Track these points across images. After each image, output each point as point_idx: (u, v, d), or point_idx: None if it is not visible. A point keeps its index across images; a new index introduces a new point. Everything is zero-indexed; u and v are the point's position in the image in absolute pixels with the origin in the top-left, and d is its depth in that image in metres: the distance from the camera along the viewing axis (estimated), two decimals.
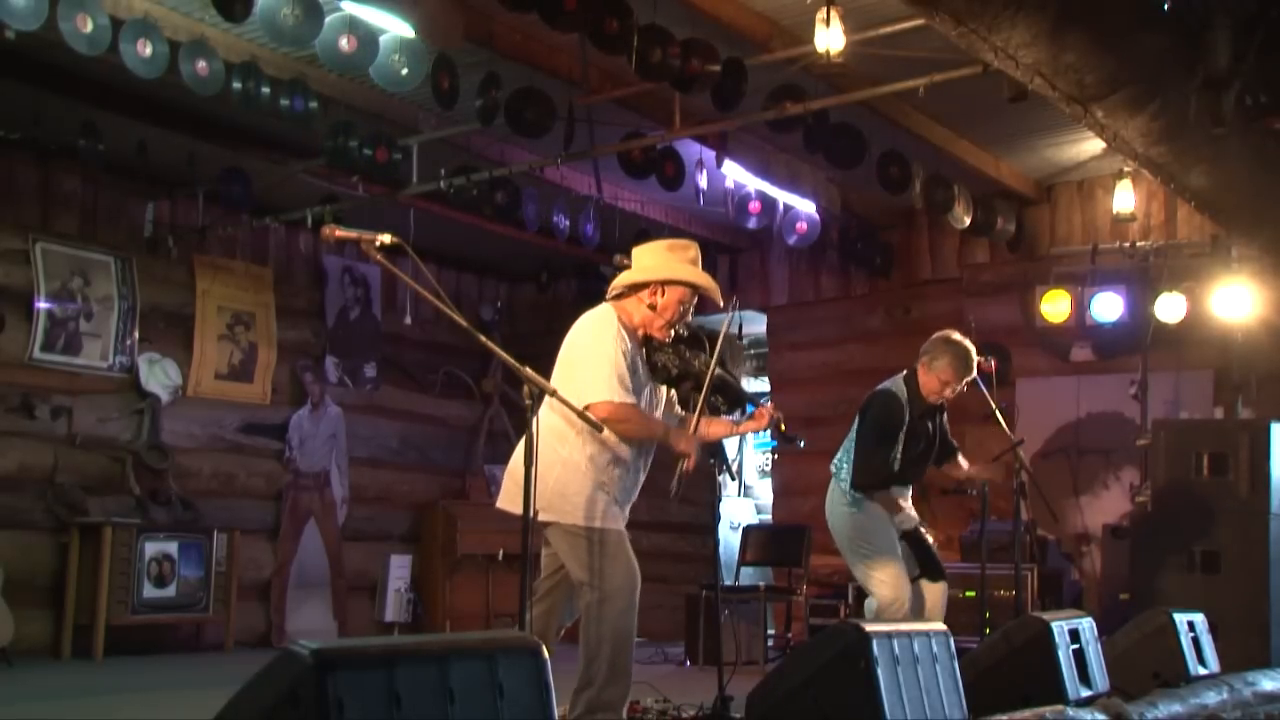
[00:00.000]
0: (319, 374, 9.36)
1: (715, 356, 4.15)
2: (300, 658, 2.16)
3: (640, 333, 4.21)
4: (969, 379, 5.46)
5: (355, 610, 9.44)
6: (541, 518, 4.00)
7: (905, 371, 5.53)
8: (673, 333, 4.23)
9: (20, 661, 7.04)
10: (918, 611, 5.36)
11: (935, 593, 5.46)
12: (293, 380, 9.23)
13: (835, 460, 5.56)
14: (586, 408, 3.80)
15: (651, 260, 4.28)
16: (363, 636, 8.80)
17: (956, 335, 5.47)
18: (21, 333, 7.68)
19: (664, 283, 4.22)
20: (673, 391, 4.28)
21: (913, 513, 5.48)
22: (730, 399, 4.28)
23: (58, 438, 7.85)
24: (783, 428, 4.27)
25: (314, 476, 9.22)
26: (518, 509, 3.88)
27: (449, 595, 9.56)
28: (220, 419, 8.74)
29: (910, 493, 5.60)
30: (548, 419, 4.04)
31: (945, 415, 5.64)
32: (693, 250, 4.41)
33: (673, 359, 4.16)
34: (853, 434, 5.50)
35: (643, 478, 4.29)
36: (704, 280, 4.25)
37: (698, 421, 4.14)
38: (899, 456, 5.38)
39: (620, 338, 4.07)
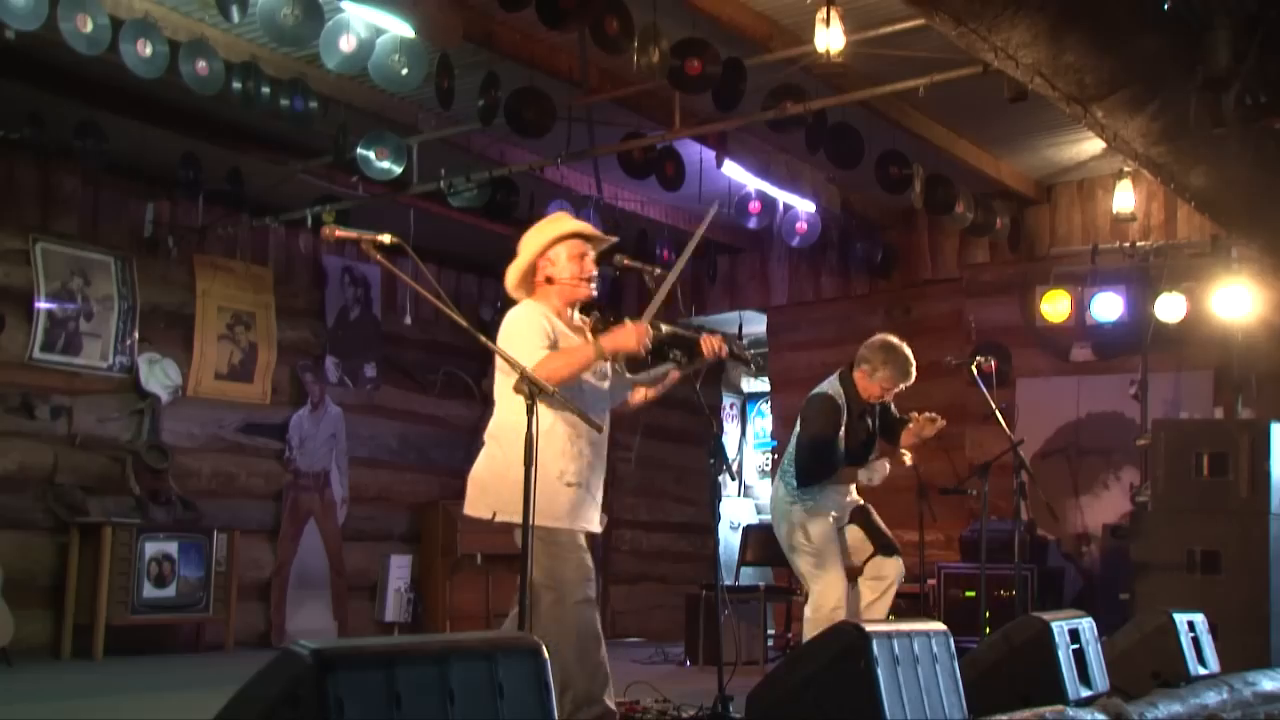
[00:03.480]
0: (319, 374, 9.35)
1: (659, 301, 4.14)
2: (300, 658, 2.16)
3: (570, 311, 4.19)
4: (909, 384, 5.54)
5: (355, 610, 9.44)
6: (502, 519, 3.92)
7: (839, 372, 5.60)
8: (593, 288, 4.21)
9: (20, 661, 7.04)
10: (855, 611, 5.43)
11: (890, 566, 5.52)
12: (293, 380, 9.23)
13: (782, 461, 5.64)
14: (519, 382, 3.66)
15: (523, 246, 4.22)
16: (363, 636, 8.80)
17: (894, 340, 5.53)
18: (21, 333, 7.67)
19: (541, 252, 4.14)
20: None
21: (880, 460, 5.53)
22: (686, 348, 4.23)
23: (58, 438, 7.85)
24: (733, 350, 4.22)
25: (314, 476, 9.21)
26: (482, 514, 3.94)
27: (449, 595, 9.56)
28: (220, 419, 8.74)
29: (850, 488, 5.66)
30: (508, 418, 3.99)
31: (886, 407, 5.69)
32: (558, 217, 4.35)
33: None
34: (794, 435, 5.58)
35: (604, 453, 4.19)
36: (572, 225, 4.21)
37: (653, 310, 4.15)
38: (842, 452, 5.46)
39: (534, 315, 4.05)
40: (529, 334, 3.98)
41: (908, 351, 5.50)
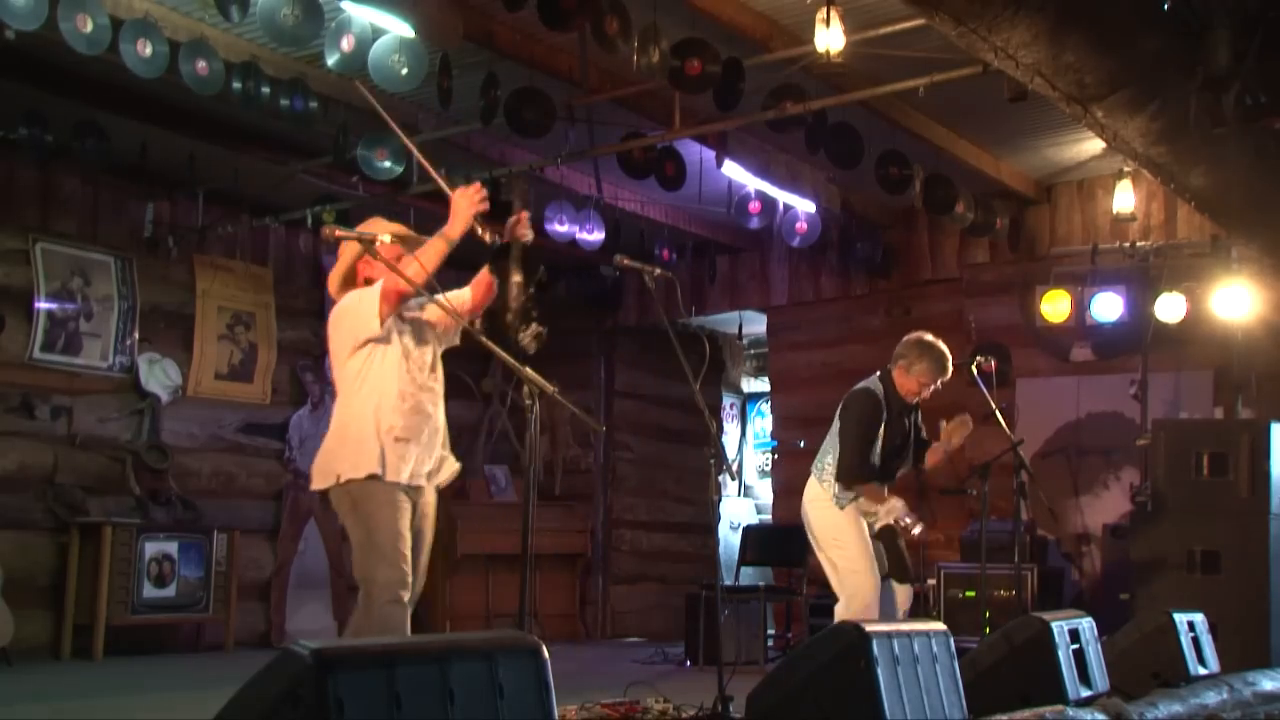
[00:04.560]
0: (319, 374, 9.34)
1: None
2: (300, 658, 2.17)
3: (405, 298, 4.29)
4: (946, 380, 5.53)
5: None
6: (346, 478, 4.10)
7: (880, 371, 5.60)
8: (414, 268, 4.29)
9: (20, 661, 7.05)
10: (886, 611, 5.42)
11: (901, 594, 5.53)
12: (293, 380, 9.22)
13: (817, 458, 5.62)
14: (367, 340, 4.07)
15: (344, 250, 4.39)
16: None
17: (930, 337, 5.53)
18: (21, 333, 7.67)
19: (360, 254, 4.29)
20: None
21: (896, 501, 5.47)
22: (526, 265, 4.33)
23: (58, 438, 7.85)
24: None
25: None
26: (329, 483, 4.13)
27: (449, 595, 9.56)
28: (220, 419, 8.74)
29: (886, 492, 5.63)
30: (342, 389, 4.22)
31: (920, 414, 5.70)
32: (375, 221, 4.49)
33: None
34: (833, 432, 5.57)
35: (435, 411, 4.39)
36: (388, 228, 4.35)
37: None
38: (878, 453, 5.46)
39: (365, 291, 4.23)
40: (366, 299, 4.16)
41: (944, 347, 5.49)
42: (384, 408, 4.14)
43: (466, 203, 4.18)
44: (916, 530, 5.41)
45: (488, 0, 5.55)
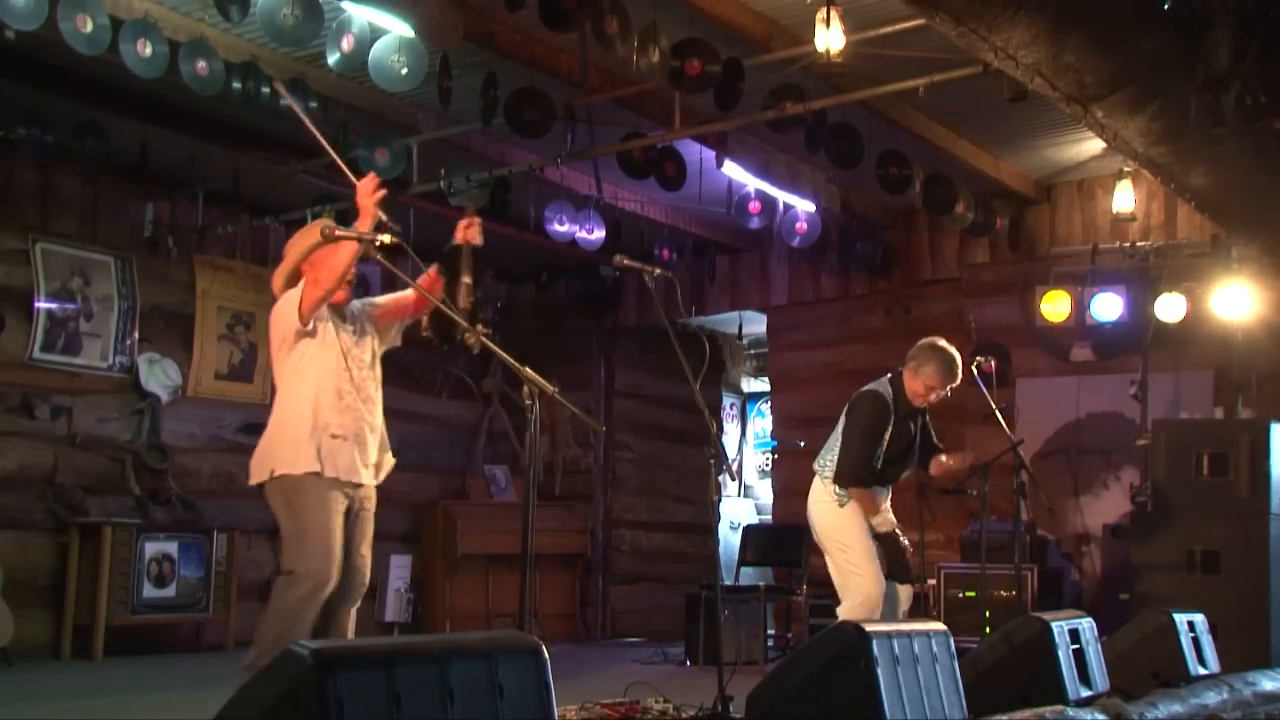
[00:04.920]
0: None
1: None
2: (300, 658, 2.17)
3: (341, 303, 4.46)
4: (954, 385, 5.55)
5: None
6: (280, 472, 4.24)
7: (890, 374, 5.62)
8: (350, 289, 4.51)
9: (20, 661, 7.05)
10: (888, 612, 5.44)
11: (902, 594, 5.55)
12: None
13: (819, 458, 5.63)
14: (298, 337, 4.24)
15: (288, 251, 4.51)
16: (363, 636, 8.79)
17: (942, 342, 5.56)
18: (21, 333, 7.67)
19: (304, 257, 4.40)
20: None
21: (890, 516, 5.56)
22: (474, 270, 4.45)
23: (58, 438, 7.85)
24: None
25: None
26: (263, 478, 4.26)
27: (449, 595, 9.56)
28: (220, 419, 8.73)
29: (889, 495, 5.69)
30: (282, 385, 4.40)
31: (928, 417, 5.72)
32: (320, 223, 4.55)
33: None
34: (838, 432, 5.59)
35: (374, 408, 4.57)
36: (314, 235, 4.39)
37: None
38: (881, 455, 5.46)
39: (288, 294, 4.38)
40: (293, 297, 4.34)
41: (955, 353, 5.52)
42: (322, 405, 4.29)
43: (365, 196, 4.29)
44: (904, 543, 5.55)
45: (488, 0, 5.55)
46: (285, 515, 4.28)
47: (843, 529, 5.44)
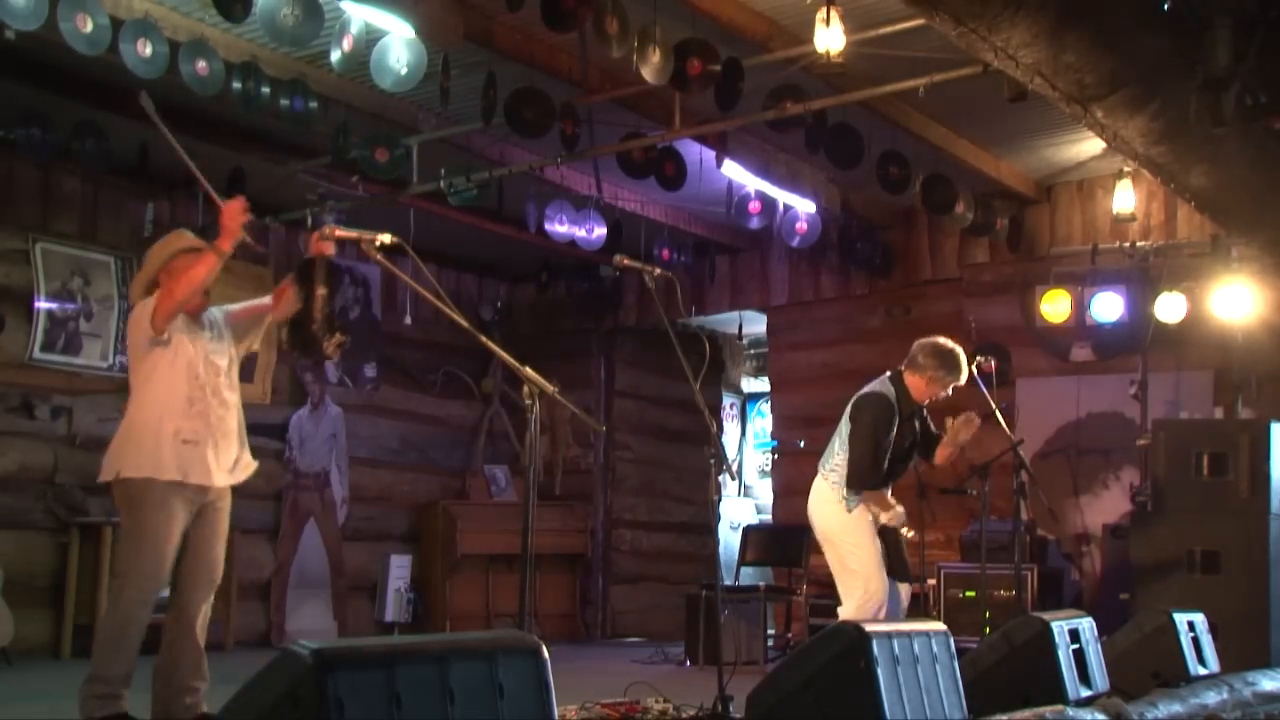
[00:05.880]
0: (319, 374, 9.35)
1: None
2: (300, 658, 2.17)
3: (197, 311, 4.56)
4: (958, 383, 5.55)
5: (355, 610, 9.43)
6: (125, 475, 4.31)
7: (891, 373, 5.60)
8: (208, 298, 4.61)
9: (20, 661, 7.04)
10: (891, 610, 5.44)
11: (901, 591, 5.56)
12: (293, 380, 9.22)
13: (823, 458, 5.62)
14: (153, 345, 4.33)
15: (148, 259, 4.59)
16: (363, 636, 8.80)
17: (944, 340, 5.55)
18: (21, 333, 7.67)
19: (163, 265, 4.48)
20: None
21: (899, 509, 5.53)
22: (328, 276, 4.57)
23: (58, 438, 7.85)
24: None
25: (314, 476, 9.22)
26: (109, 478, 4.34)
27: (449, 595, 9.56)
28: None
29: (890, 491, 5.68)
30: (134, 386, 4.43)
31: (926, 411, 5.71)
32: (180, 233, 4.74)
33: None
34: (842, 433, 5.56)
35: (228, 413, 4.53)
36: (190, 241, 4.58)
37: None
38: (888, 456, 5.46)
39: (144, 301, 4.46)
40: (148, 307, 4.40)
41: (959, 352, 5.52)
42: (172, 410, 4.35)
43: (231, 218, 4.38)
44: (910, 535, 5.56)
45: (487, 0, 5.55)
46: (126, 518, 4.41)
47: (851, 531, 5.43)
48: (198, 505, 4.41)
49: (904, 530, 5.56)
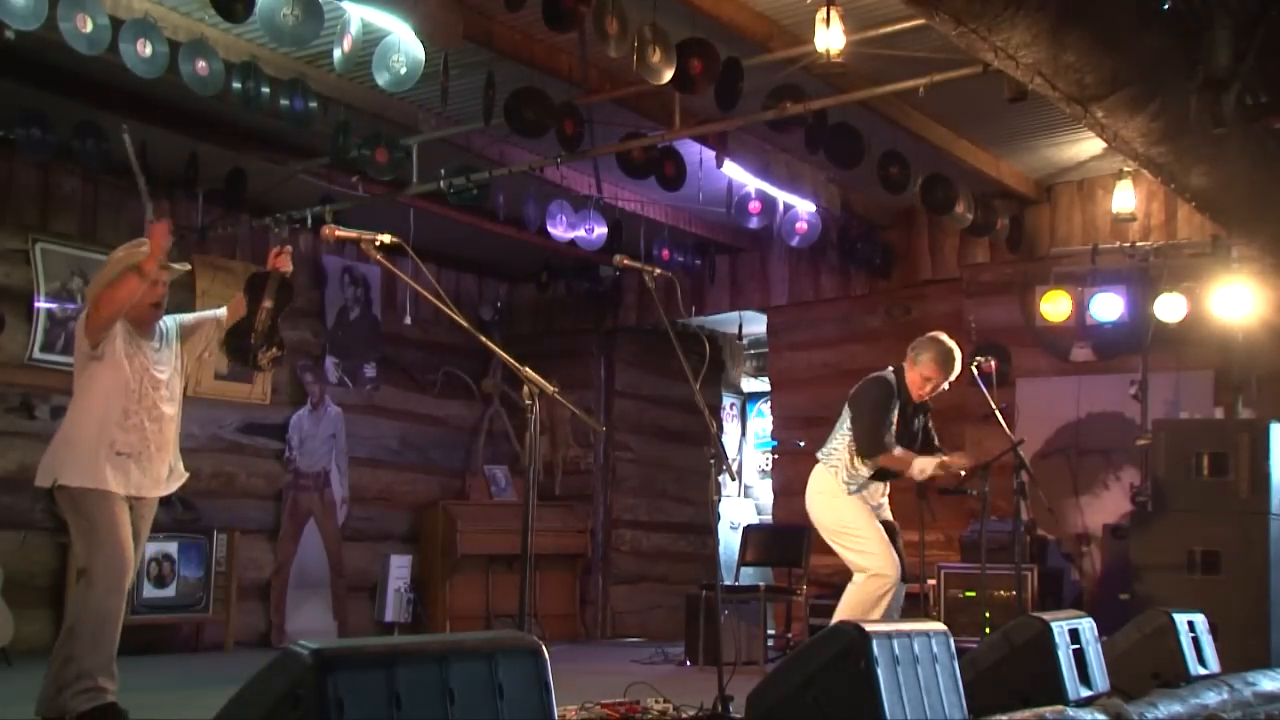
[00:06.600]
0: (319, 374, 9.35)
1: None
2: (300, 658, 2.17)
3: (143, 328, 4.58)
4: (952, 379, 5.63)
5: (355, 610, 9.44)
6: (61, 483, 4.41)
7: (893, 366, 5.74)
8: (160, 310, 4.63)
9: (20, 661, 7.04)
10: (896, 604, 5.53)
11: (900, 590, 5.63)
12: (293, 380, 9.23)
13: (823, 449, 5.70)
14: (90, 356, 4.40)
15: (108, 265, 4.62)
16: (363, 636, 8.80)
17: (943, 336, 5.67)
18: (21, 333, 7.68)
19: (107, 286, 4.47)
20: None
21: (924, 462, 5.54)
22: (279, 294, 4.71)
23: None
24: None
25: (314, 476, 9.22)
26: (45, 484, 4.47)
27: (449, 595, 9.56)
28: (220, 419, 8.73)
29: (886, 489, 5.76)
30: (76, 392, 4.50)
31: (930, 417, 5.81)
32: (140, 241, 4.72)
33: None
34: (844, 421, 5.65)
35: (164, 426, 4.61)
36: (132, 255, 4.56)
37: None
38: (892, 433, 5.54)
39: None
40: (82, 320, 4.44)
41: (954, 346, 5.63)
42: (107, 422, 4.43)
43: (156, 240, 4.46)
44: (964, 465, 5.65)
45: (487, 0, 5.55)
46: (73, 519, 4.49)
47: (845, 515, 5.53)
48: (130, 504, 4.54)
49: (952, 464, 5.61)
